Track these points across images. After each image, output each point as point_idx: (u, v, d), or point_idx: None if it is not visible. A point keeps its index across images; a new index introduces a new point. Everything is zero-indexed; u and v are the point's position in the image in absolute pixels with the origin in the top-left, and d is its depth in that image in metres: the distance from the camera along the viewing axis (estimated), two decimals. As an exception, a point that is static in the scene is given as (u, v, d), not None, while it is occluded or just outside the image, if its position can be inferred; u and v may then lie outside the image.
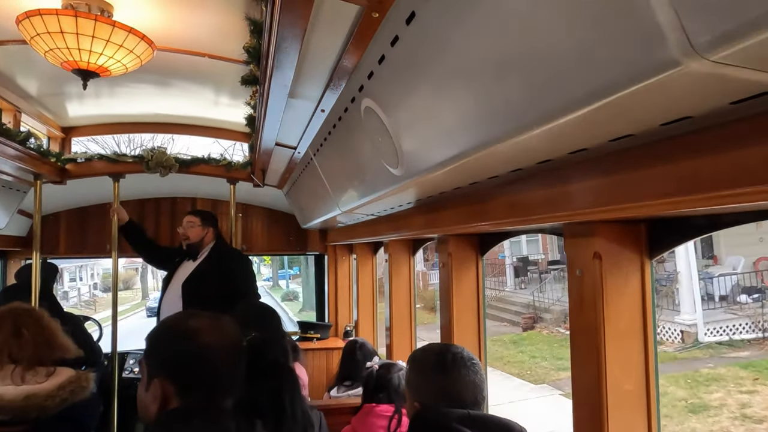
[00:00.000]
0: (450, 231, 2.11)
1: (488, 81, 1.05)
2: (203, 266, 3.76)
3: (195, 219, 3.91)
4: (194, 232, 3.87)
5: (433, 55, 1.17)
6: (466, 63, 1.08)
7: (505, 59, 0.97)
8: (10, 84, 3.15)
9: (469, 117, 1.20)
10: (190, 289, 3.62)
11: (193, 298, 3.54)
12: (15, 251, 4.72)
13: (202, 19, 2.44)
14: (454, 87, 1.17)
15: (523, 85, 0.98)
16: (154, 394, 1.24)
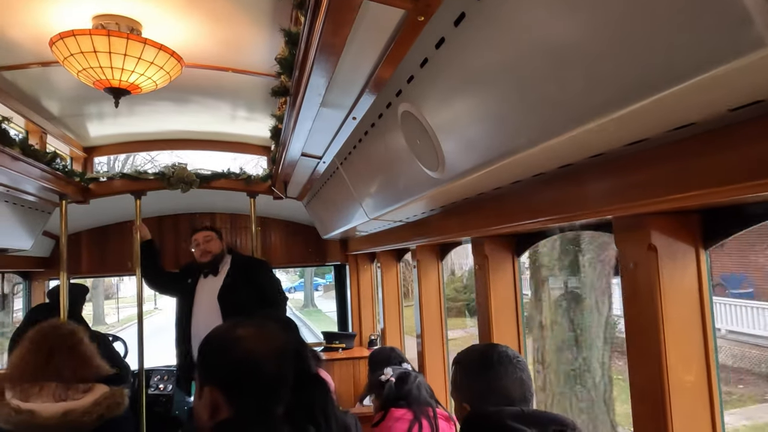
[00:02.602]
0: (486, 232, 2.11)
1: (543, 76, 1.06)
2: (231, 278, 3.82)
3: (210, 233, 3.97)
4: (215, 245, 3.93)
5: (481, 54, 1.18)
6: (518, 59, 1.09)
7: (564, 51, 0.98)
8: (35, 106, 3.21)
9: (520, 114, 1.20)
10: (226, 302, 3.69)
11: (230, 309, 3.60)
12: (39, 272, 4.76)
13: (228, 34, 2.48)
14: (504, 85, 1.18)
15: (582, 77, 0.99)
16: (206, 402, 1.25)
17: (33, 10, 2.20)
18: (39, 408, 2.08)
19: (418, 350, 3.20)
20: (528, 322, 5.97)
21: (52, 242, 4.75)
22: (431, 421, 2.13)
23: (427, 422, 2.12)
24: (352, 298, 4.93)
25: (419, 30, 1.35)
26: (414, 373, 2.30)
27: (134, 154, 12.37)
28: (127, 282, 32.77)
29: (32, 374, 2.16)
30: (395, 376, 2.29)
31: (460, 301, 16.52)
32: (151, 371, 4.68)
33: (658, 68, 0.81)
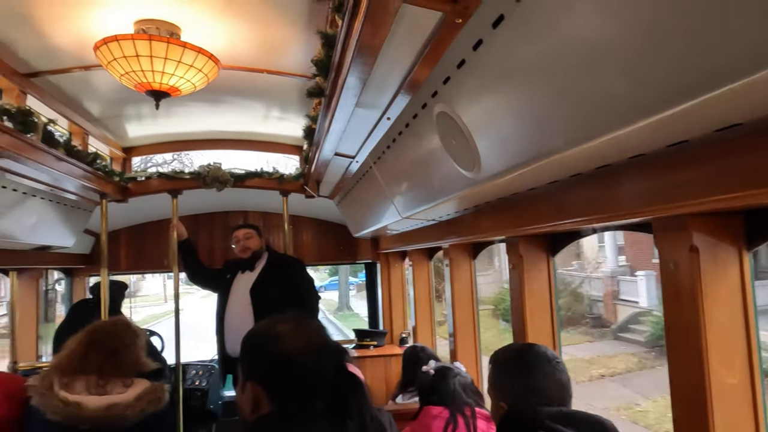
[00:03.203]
0: (521, 232, 2.11)
1: (584, 77, 1.06)
2: (265, 274, 3.93)
3: (251, 231, 4.08)
4: (255, 242, 4.04)
5: (520, 55, 1.19)
6: (559, 60, 1.09)
7: (606, 52, 0.98)
8: (78, 108, 3.31)
9: (559, 115, 1.20)
10: (258, 296, 3.79)
11: (261, 304, 3.68)
12: (80, 268, 4.91)
13: (263, 36, 2.52)
14: (544, 86, 1.18)
15: (624, 79, 0.99)
16: (248, 397, 1.29)
17: (77, 16, 2.27)
18: (85, 400, 2.16)
19: (450, 349, 3.20)
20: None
21: (92, 240, 4.90)
22: (468, 420, 2.12)
23: (463, 421, 2.11)
24: (383, 296, 4.96)
25: (456, 32, 1.36)
26: (456, 369, 2.28)
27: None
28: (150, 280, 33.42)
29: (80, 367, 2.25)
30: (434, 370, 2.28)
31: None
32: (187, 366, 4.78)
33: (705, 69, 0.81)
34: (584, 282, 18.91)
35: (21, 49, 2.49)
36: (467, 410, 2.15)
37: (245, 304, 3.81)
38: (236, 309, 3.87)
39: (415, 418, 2.22)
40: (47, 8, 2.20)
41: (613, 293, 17.80)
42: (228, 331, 3.90)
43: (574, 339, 15.67)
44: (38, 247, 3.87)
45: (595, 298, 18.35)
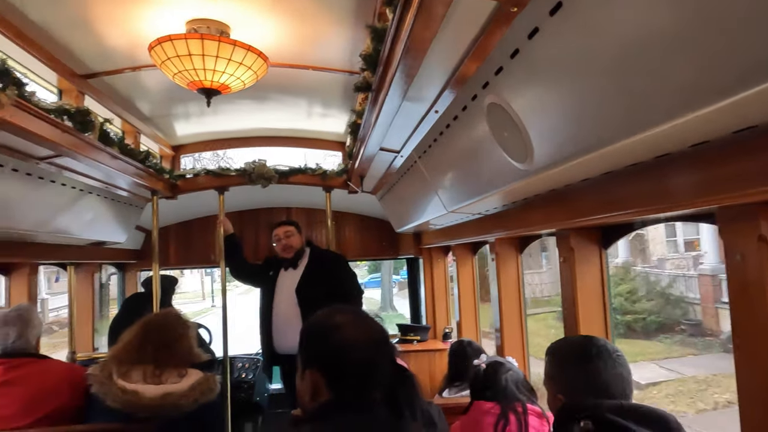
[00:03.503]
0: (572, 225, 2.07)
1: (647, 64, 1.03)
2: (309, 272, 3.95)
3: (291, 228, 4.09)
4: (296, 240, 4.07)
5: (579, 43, 1.16)
6: (621, 47, 1.06)
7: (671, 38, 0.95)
8: (131, 108, 3.42)
9: (619, 103, 1.18)
10: (304, 293, 3.83)
11: (307, 304, 3.72)
12: (131, 263, 5.08)
13: (310, 32, 2.54)
14: (604, 74, 1.16)
15: (690, 65, 0.96)
16: (307, 385, 1.32)
17: (131, 18, 2.35)
18: (142, 389, 2.25)
19: (496, 344, 3.17)
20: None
21: (143, 236, 5.06)
22: (519, 416, 2.09)
23: (514, 418, 2.08)
24: (426, 291, 4.95)
25: (510, 21, 1.34)
26: (508, 364, 2.26)
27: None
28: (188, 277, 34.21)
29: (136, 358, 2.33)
30: (486, 364, 2.26)
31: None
32: (234, 359, 4.89)
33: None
34: (675, 281, 15.90)
35: (79, 52, 2.59)
36: (519, 406, 2.12)
37: (292, 304, 3.84)
38: (283, 308, 3.92)
39: (465, 412, 2.21)
40: (103, 11, 2.28)
41: (715, 295, 14.28)
42: (276, 330, 3.95)
43: (673, 351, 12.96)
44: (94, 243, 4.03)
45: (691, 300, 15.13)
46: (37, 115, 2.14)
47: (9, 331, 2.35)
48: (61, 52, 2.54)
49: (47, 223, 3.11)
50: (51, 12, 2.23)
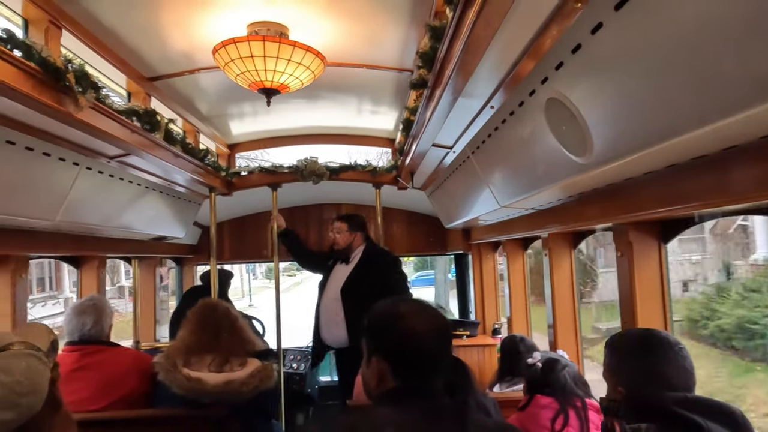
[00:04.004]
0: (631, 219, 2.06)
1: (719, 54, 1.03)
2: (357, 271, 3.99)
3: (342, 225, 4.13)
4: (342, 238, 4.12)
5: (646, 36, 1.17)
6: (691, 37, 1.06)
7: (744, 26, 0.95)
8: (191, 108, 3.56)
9: (688, 95, 1.17)
10: (349, 294, 3.88)
11: (351, 302, 3.80)
12: (188, 258, 5.28)
13: (366, 31, 2.60)
14: (671, 66, 1.16)
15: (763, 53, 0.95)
16: (373, 372, 1.37)
17: (194, 22, 2.46)
18: (205, 377, 2.36)
19: (549, 341, 3.16)
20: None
21: (199, 231, 5.25)
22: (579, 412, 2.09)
23: (574, 413, 2.08)
24: (475, 287, 4.96)
25: (572, 17, 1.35)
26: (563, 360, 2.26)
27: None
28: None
29: (198, 347, 2.45)
30: (542, 362, 2.27)
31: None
32: (286, 351, 5.03)
33: None
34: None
35: (146, 55, 2.73)
36: (578, 402, 2.12)
37: (336, 300, 3.92)
38: (328, 301, 4.00)
39: (523, 408, 2.22)
40: (170, 16, 2.39)
41: None
42: (322, 322, 4.04)
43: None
44: (155, 238, 4.21)
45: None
46: (110, 116, 2.28)
47: (86, 320, 2.50)
48: (130, 56, 2.68)
49: (114, 218, 3.29)
50: (122, 18, 2.36)
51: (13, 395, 1.12)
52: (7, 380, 1.11)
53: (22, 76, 1.72)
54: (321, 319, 4.06)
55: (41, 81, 1.80)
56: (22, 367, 1.15)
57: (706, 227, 12.93)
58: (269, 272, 32.50)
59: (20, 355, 1.16)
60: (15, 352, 1.17)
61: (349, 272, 4.02)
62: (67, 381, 2.32)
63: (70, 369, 2.40)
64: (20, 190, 2.29)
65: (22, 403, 1.12)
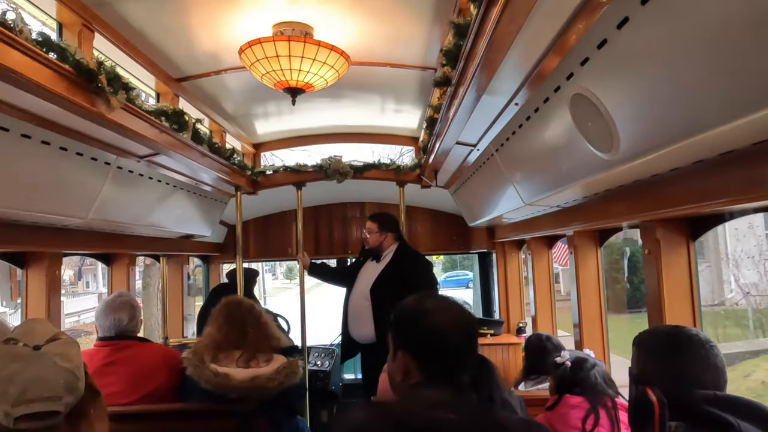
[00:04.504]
0: (658, 216, 2.03)
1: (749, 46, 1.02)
2: (388, 270, 3.98)
3: (373, 225, 4.12)
4: (372, 238, 4.11)
5: (674, 29, 1.16)
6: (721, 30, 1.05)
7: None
8: (217, 108, 3.62)
9: (716, 89, 1.16)
10: (378, 293, 3.88)
11: (380, 300, 3.81)
12: (215, 256, 5.36)
13: (389, 30, 2.61)
14: (699, 59, 1.15)
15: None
16: (399, 366, 1.38)
17: (221, 23, 2.51)
18: (232, 372, 2.40)
19: (575, 340, 3.14)
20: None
21: (225, 230, 5.32)
22: (609, 411, 2.07)
23: (604, 412, 2.06)
24: (499, 286, 4.94)
25: (597, 12, 1.34)
26: (592, 359, 2.24)
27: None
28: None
29: (225, 343, 2.49)
30: (571, 361, 2.25)
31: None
32: (311, 348, 5.07)
33: None
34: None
35: (174, 57, 2.78)
36: (608, 401, 2.10)
37: (365, 298, 3.94)
38: (357, 298, 4.03)
39: (551, 408, 2.20)
40: (197, 17, 2.44)
41: None
42: (350, 318, 4.07)
43: None
44: (183, 236, 4.29)
45: None
46: (140, 116, 2.33)
47: (122, 316, 2.56)
48: (159, 57, 2.74)
49: (143, 216, 3.36)
50: (152, 21, 2.42)
51: (75, 379, 1.21)
52: (70, 366, 1.21)
53: (57, 77, 1.77)
54: (349, 315, 4.09)
55: (75, 82, 1.85)
56: (75, 353, 1.24)
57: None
58: (290, 272, 32.35)
59: (71, 343, 1.26)
60: (66, 340, 1.25)
61: (380, 271, 4.02)
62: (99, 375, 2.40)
63: (102, 363, 2.46)
64: (54, 189, 2.36)
65: (79, 387, 1.21)
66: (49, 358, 1.19)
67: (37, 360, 1.19)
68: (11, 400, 1.14)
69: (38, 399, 1.15)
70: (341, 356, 4.49)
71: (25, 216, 2.39)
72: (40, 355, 1.19)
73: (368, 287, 3.96)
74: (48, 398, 1.16)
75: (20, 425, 1.14)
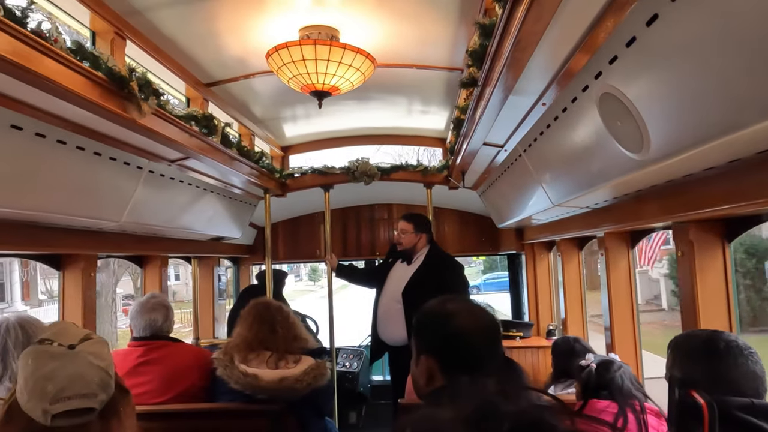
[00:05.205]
0: (692, 217, 1.97)
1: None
2: (420, 273, 3.95)
3: (408, 226, 4.07)
4: (407, 239, 4.06)
5: (706, 25, 1.13)
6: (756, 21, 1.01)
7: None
8: (246, 112, 3.67)
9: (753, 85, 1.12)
10: (410, 296, 3.85)
11: (412, 304, 3.75)
12: (244, 257, 5.43)
13: (415, 32, 2.61)
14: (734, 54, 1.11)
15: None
16: (422, 370, 1.37)
17: (248, 28, 2.54)
18: (261, 373, 2.43)
19: (606, 343, 3.08)
20: None
21: (254, 232, 5.39)
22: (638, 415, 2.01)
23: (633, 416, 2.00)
24: (529, 288, 4.88)
25: (626, 10, 1.32)
26: (617, 362, 2.19)
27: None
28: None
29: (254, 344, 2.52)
30: (596, 363, 2.20)
31: None
32: (339, 350, 5.09)
33: None
34: None
35: (204, 62, 2.83)
36: (636, 405, 2.04)
37: (396, 300, 3.91)
38: (387, 300, 4.01)
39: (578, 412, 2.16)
40: (225, 23, 2.48)
41: None
42: (380, 320, 4.06)
43: None
44: (213, 238, 4.36)
45: None
46: (171, 121, 2.38)
47: (157, 317, 2.62)
48: (188, 63, 2.80)
49: (175, 219, 3.43)
50: (181, 28, 2.47)
51: (108, 377, 1.25)
52: (103, 364, 1.25)
53: (90, 85, 1.82)
54: (379, 317, 4.07)
55: (107, 89, 1.90)
56: (106, 352, 1.28)
57: None
58: (313, 273, 32.17)
59: (102, 343, 1.30)
60: (97, 340, 1.30)
61: (412, 274, 3.98)
62: (133, 374, 2.46)
63: (136, 363, 2.52)
64: (89, 193, 2.43)
65: (111, 385, 1.25)
66: (84, 356, 1.23)
67: (73, 359, 1.22)
68: (49, 398, 1.17)
69: (75, 396, 1.18)
70: (370, 357, 4.50)
71: (62, 219, 2.46)
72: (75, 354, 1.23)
73: (400, 290, 3.93)
74: (84, 395, 1.19)
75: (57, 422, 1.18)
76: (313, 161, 5.00)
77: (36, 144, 1.97)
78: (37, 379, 1.20)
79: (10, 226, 2.28)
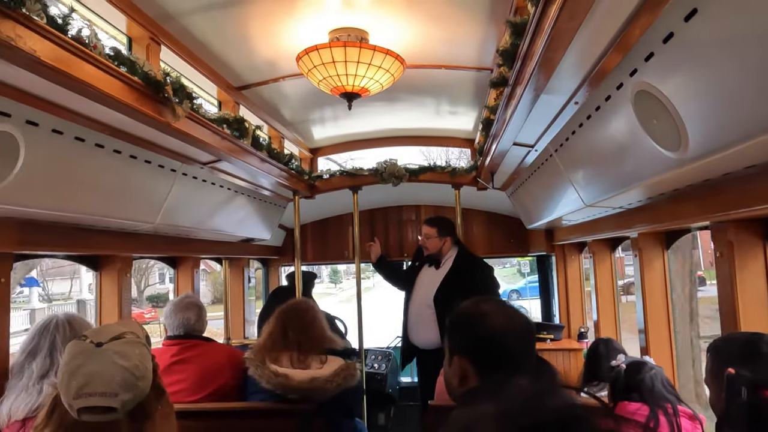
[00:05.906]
0: (732, 216, 1.92)
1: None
2: (450, 277, 3.94)
3: (431, 231, 4.07)
4: (432, 244, 4.06)
5: (746, 17, 1.10)
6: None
7: None
8: (276, 115, 3.71)
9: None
10: (442, 301, 3.84)
11: (444, 308, 3.74)
12: (274, 259, 5.48)
13: (444, 32, 2.61)
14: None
15: None
16: (455, 371, 1.37)
17: (278, 32, 2.57)
18: (291, 373, 2.45)
19: (641, 346, 3.02)
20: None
21: (283, 233, 5.44)
22: (670, 418, 1.97)
23: (665, 419, 1.96)
24: (559, 290, 4.81)
25: (662, 5, 1.29)
26: (650, 363, 2.14)
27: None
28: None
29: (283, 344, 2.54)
30: (626, 364, 2.16)
31: None
32: (368, 351, 5.10)
33: None
34: None
35: (235, 66, 2.88)
36: (669, 407, 2.00)
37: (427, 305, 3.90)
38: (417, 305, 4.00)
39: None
40: (256, 27, 2.52)
41: None
42: (411, 324, 4.05)
43: None
44: (243, 240, 4.41)
45: None
46: (204, 124, 2.42)
47: (190, 316, 2.67)
48: (221, 67, 2.84)
49: (206, 221, 3.48)
50: (214, 32, 2.51)
51: (132, 378, 1.26)
52: (127, 364, 1.26)
53: (127, 89, 1.86)
54: (410, 322, 4.07)
55: (143, 93, 1.94)
56: (137, 353, 1.29)
57: None
58: (334, 274, 31.84)
59: (134, 343, 1.31)
60: (129, 340, 1.30)
61: (442, 279, 3.96)
62: (167, 372, 2.50)
63: (170, 361, 2.56)
64: (126, 195, 2.48)
65: (139, 386, 1.26)
66: (108, 355, 1.25)
67: (97, 356, 1.25)
68: (72, 393, 1.20)
69: (94, 394, 1.20)
70: (401, 361, 4.49)
71: (100, 221, 2.52)
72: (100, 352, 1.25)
73: (431, 295, 3.91)
74: (103, 394, 1.21)
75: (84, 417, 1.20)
76: (335, 164, 5.04)
77: (76, 148, 2.03)
78: (64, 374, 1.23)
79: (53, 228, 2.35)
